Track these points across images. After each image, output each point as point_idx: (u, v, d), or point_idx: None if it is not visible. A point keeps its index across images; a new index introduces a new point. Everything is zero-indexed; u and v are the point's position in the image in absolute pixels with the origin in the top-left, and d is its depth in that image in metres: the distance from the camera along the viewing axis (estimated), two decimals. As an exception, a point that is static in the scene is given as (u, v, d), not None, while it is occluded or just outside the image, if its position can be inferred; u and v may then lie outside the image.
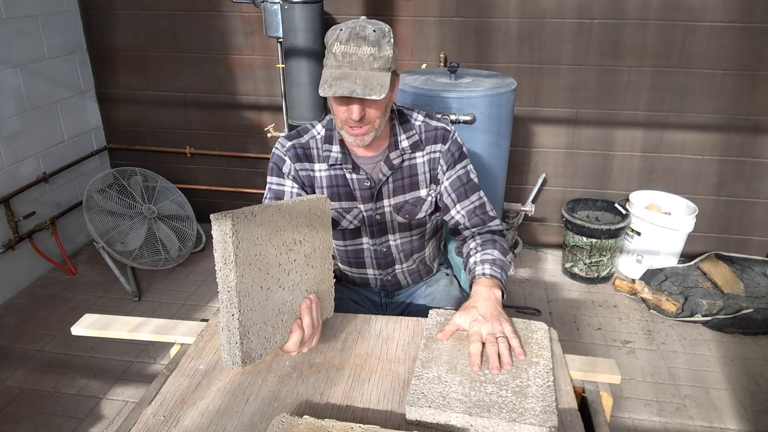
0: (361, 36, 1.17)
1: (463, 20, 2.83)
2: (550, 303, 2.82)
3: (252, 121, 3.26)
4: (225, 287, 0.93)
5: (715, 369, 2.36)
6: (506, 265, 1.32)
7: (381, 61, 1.18)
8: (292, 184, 1.38)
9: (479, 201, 1.43)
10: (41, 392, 2.22)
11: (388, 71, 1.20)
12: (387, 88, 1.17)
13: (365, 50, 1.17)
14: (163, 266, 3.01)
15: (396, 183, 1.40)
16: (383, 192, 1.40)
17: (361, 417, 0.99)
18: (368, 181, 1.38)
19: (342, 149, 1.36)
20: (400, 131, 1.39)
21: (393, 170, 1.38)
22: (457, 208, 1.42)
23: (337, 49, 1.18)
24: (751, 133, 2.84)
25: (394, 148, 1.38)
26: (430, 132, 1.40)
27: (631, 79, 2.82)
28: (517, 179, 3.14)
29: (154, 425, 0.98)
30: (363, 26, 1.19)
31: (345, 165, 1.37)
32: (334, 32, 1.20)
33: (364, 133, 1.26)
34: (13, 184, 2.80)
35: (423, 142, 1.40)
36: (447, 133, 1.41)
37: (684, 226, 2.82)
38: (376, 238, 1.46)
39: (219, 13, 3.03)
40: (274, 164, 1.39)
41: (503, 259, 1.32)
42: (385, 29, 1.21)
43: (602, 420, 1.05)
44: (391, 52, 1.20)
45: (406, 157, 1.39)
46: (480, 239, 1.38)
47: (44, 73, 2.94)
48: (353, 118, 1.22)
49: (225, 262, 0.92)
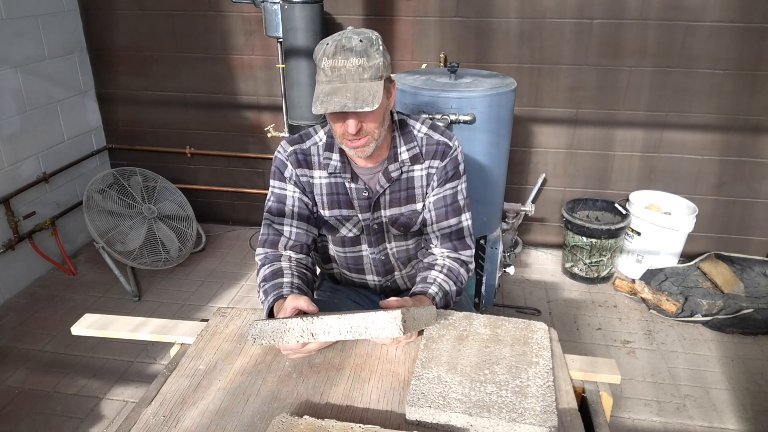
0: (347, 48, 1.15)
1: (463, 20, 2.83)
2: (550, 303, 2.82)
3: (252, 121, 3.26)
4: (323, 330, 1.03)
5: (715, 369, 2.36)
6: (450, 301, 1.37)
7: (371, 70, 1.16)
8: (294, 189, 1.38)
9: (458, 225, 1.41)
10: (41, 392, 2.22)
11: (380, 79, 1.18)
12: (379, 97, 1.14)
13: (353, 62, 1.15)
14: (163, 266, 3.01)
15: (393, 195, 1.39)
16: (380, 203, 1.39)
17: (361, 417, 0.99)
18: (366, 192, 1.37)
19: (342, 158, 1.35)
20: (400, 143, 1.36)
21: (391, 182, 1.37)
22: (434, 227, 1.41)
23: (325, 64, 1.16)
24: (751, 133, 2.84)
25: (393, 160, 1.36)
26: (431, 146, 1.37)
27: (631, 79, 2.82)
28: (517, 179, 3.14)
29: (154, 425, 0.98)
30: (349, 37, 1.16)
31: (344, 174, 1.36)
32: (321, 47, 1.18)
33: (364, 144, 1.25)
34: (13, 184, 2.80)
35: (423, 156, 1.37)
36: (448, 149, 1.37)
37: (684, 226, 2.82)
38: (374, 246, 1.45)
39: (219, 13, 3.03)
40: (276, 168, 1.39)
41: (452, 296, 1.37)
42: (372, 37, 1.18)
43: (602, 420, 1.05)
44: (381, 60, 1.17)
45: (405, 170, 1.37)
46: (448, 264, 1.40)
47: (44, 73, 2.94)
48: (350, 132, 1.20)
49: (350, 330, 1.02)
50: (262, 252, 1.37)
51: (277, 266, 1.31)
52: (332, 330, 1.02)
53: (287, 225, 1.37)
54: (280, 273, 1.28)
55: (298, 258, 1.36)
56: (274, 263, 1.32)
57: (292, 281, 1.26)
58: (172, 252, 3.06)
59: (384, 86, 1.18)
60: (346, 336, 1.02)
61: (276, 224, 1.38)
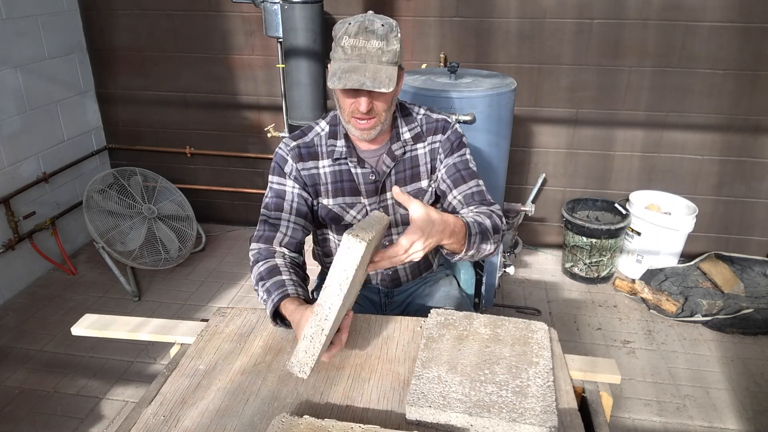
0: (369, 30, 1.19)
1: (463, 20, 2.83)
2: (550, 303, 2.82)
3: (252, 121, 3.26)
4: (328, 304, 0.96)
5: (715, 369, 2.36)
6: (488, 234, 1.26)
7: (389, 54, 1.20)
8: (293, 184, 1.38)
9: (477, 187, 1.39)
10: (41, 392, 2.22)
11: (395, 65, 1.22)
12: (395, 81, 1.19)
13: (374, 44, 1.19)
14: (163, 266, 3.01)
15: (398, 175, 1.41)
16: (387, 184, 1.41)
17: (361, 417, 0.99)
18: (373, 175, 1.39)
19: (347, 143, 1.37)
20: (401, 123, 1.40)
21: (396, 161, 1.40)
22: (454, 193, 1.39)
23: (346, 43, 1.20)
24: (751, 133, 2.84)
25: (396, 139, 1.39)
26: (431, 124, 1.42)
27: (631, 79, 2.82)
28: (517, 179, 3.14)
29: (154, 425, 0.98)
30: (372, 20, 1.21)
31: (350, 158, 1.38)
32: (343, 26, 1.22)
33: (371, 126, 1.28)
34: (13, 184, 2.80)
35: (424, 134, 1.41)
36: (447, 124, 1.42)
37: (684, 226, 2.82)
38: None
39: (219, 13, 3.03)
40: (276, 164, 1.39)
41: (489, 231, 1.26)
42: (392, 24, 1.23)
43: (602, 420, 1.05)
44: (398, 47, 1.22)
45: (408, 149, 1.41)
46: (477, 209, 1.33)
47: (44, 73, 2.94)
48: (361, 110, 1.23)
49: (339, 284, 0.95)
50: (256, 247, 1.35)
51: (272, 263, 1.29)
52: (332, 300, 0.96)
53: (284, 221, 1.37)
54: (277, 270, 1.27)
55: (292, 256, 1.35)
56: (269, 260, 1.30)
57: (291, 278, 1.25)
58: (172, 252, 3.06)
59: (397, 73, 1.23)
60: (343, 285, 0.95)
61: (272, 220, 1.37)
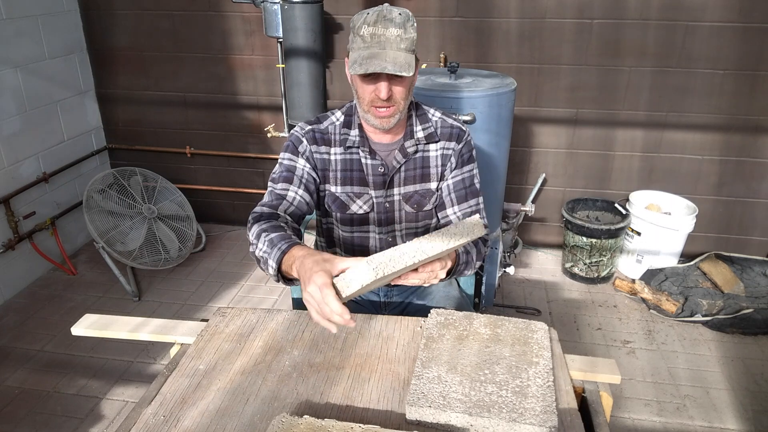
0: (388, 18, 1.22)
1: (463, 20, 2.83)
2: (550, 303, 2.82)
3: (252, 121, 3.26)
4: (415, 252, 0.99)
5: (715, 369, 2.36)
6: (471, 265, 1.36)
7: (407, 42, 1.23)
8: (305, 164, 1.39)
9: (476, 207, 1.46)
10: (41, 392, 2.22)
11: (413, 53, 1.25)
12: (413, 67, 1.22)
13: (393, 31, 1.22)
14: (163, 266, 3.01)
15: (408, 172, 1.43)
16: (395, 180, 1.43)
17: (361, 417, 0.99)
18: (382, 167, 1.41)
19: (360, 133, 1.39)
20: (416, 122, 1.43)
21: (407, 158, 1.41)
22: (455, 209, 1.45)
23: (365, 31, 1.23)
24: (751, 133, 2.84)
25: (409, 137, 1.41)
26: (446, 128, 1.44)
27: (631, 79, 2.82)
28: (517, 179, 3.14)
29: (154, 425, 0.98)
30: (389, 9, 1.25)
31: (362, 148, 1.39)
32: (361, 16, 1.25)
33: (390, 114, 1.30)
34: (13, 184, 2.80)
35: (438, 136, 1.43)
36: (462, 133, 1.44)
37: (684, 226, 2.82)
38: (383, 226, 1.47)
39: (219, 13, 3.03)
40: (290, 142, 1.41)
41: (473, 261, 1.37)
42: (408, 13, 1.26)
43: (602, 420, 1.05)
44: (414, 35, 1.25)
45: (421, 148, 1.43)
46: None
47: (44, 73, 2.94)
48: (381, 96, 1.25)
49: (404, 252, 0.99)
50: (259, 210, 1.32)
51: (275, 222, 1.26)
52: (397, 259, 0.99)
53: (292, 191, 1.36)
54: (282, 228, 1.23)
55: (294, 226, 1.32)
56: (271, 219, 1.28)
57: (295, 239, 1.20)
58: (172, 252, 3.06)
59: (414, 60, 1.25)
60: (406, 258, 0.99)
61: (279, 190, 1.36)
